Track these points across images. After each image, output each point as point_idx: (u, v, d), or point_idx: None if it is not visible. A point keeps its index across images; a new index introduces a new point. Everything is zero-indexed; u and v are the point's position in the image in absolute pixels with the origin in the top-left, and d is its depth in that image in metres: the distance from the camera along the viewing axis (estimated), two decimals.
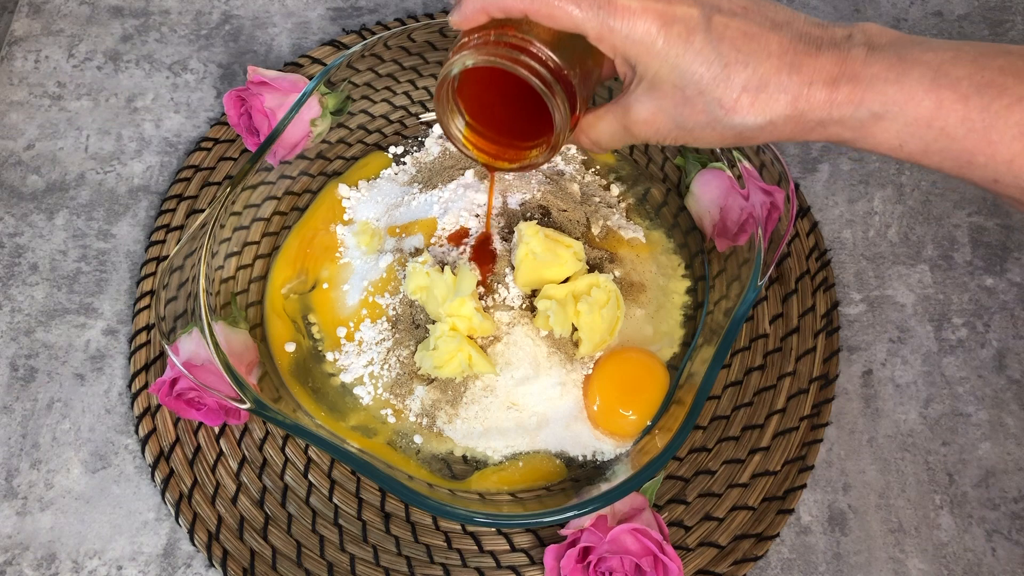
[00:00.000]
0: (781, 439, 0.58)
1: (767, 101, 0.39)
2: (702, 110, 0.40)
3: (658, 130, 0.43)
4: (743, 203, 0.56)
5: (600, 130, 0.45)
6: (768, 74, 0.39)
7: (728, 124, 0.40)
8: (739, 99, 0.39)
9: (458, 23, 0.43)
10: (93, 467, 0.59)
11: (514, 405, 0.56)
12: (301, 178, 0.64)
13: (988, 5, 0.76)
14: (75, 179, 0.69)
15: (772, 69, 0.39)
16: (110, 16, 0.76)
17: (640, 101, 0.42)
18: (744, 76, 0.39)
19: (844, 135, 0.40)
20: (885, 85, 0.38)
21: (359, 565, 0.55)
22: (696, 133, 0.42)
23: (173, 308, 0.53)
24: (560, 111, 0.44)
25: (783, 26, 0.40)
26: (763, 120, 0.40)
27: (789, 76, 0.39)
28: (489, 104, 0.50)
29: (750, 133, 0.41)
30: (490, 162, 0.51)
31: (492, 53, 0.43)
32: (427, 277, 0.56)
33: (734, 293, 0.56)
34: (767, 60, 0.39)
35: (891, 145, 0.40)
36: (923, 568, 0.56)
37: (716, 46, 0.39)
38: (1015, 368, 0.61)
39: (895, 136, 0.39)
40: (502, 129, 0.50)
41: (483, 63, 0.43)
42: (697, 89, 0.40)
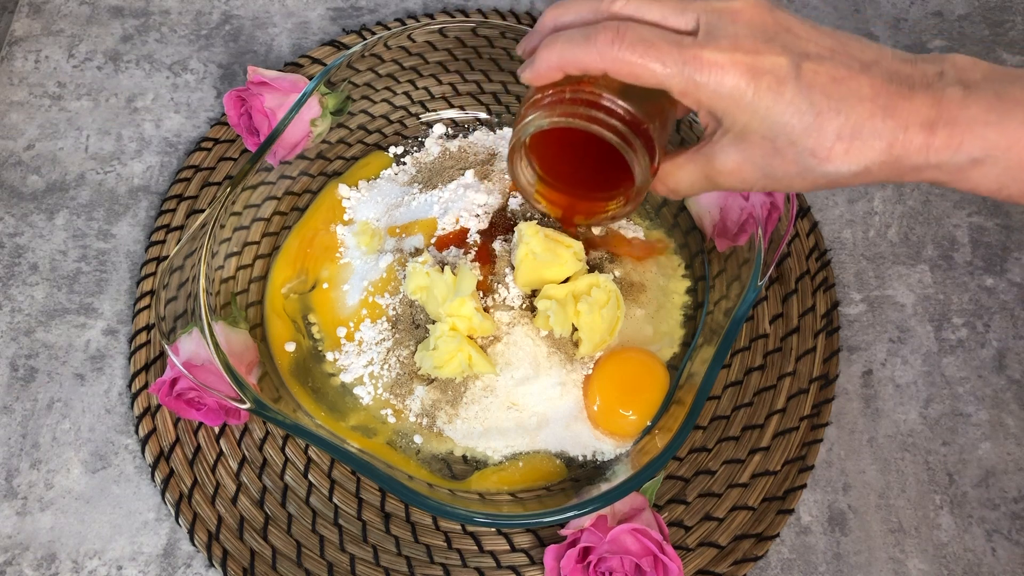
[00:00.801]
0: (781, 439, 0.58)
1: (862, 148, 0.38)
2: (793, 160, 0.39)
3: (744, 180, 0.41)
4: (743, 203, 0.56)
5: (679, 179, 0.44)
6: (861, 120, 0.38)
7: (821, 172, 0.39)
8: (833, 148, 0.38)
9: (531, 80, 0.42)
10: (93, 467, 0.59)
11: (514, 405, 0.56)
12: (301, 178, 0.64)
13: (988, 5, 0.76)
14: (75, 179, 0.69)
15: (866, 114, 0.38)
16: (110, 16, 0.76)
17: (725, 152, 0.41)
18: (837, 124, 0.38)
19: (940, 179, 0.39)
20: (985, 129, 0.37)
21: (359, 565, 0.55)
22: (785, 182, 0.40)
23: (173, 308, 0.53)
24: (640, 166, 0.42)
25: (872, 66, 0.38)
26: (858, 167, 0.38)
27: (884, 121, 0.38)
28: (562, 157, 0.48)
29: (843, 180, 0.39)
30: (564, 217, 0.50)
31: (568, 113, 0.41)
32: (427, 277, 0.56)
33: (734, 293, 0.56)
34: (859, 105, 0.38)
35: (990, 188, 0.38)
36: (923, 568, 0.56)
37: (808, 95, 0.38)
38: (1015, 368, 0.61)
39: (995, 180, 0.38)
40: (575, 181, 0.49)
41: (563, 124, 0.42)
42: (789, 140, 0.38)
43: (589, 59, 0.39)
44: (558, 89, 0.42)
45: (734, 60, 0.38)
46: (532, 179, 0.49)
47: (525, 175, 0.48)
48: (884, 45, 0.40)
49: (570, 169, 0.49)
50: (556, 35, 0.41)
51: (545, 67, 0.41)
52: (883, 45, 0.40)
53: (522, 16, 0.75)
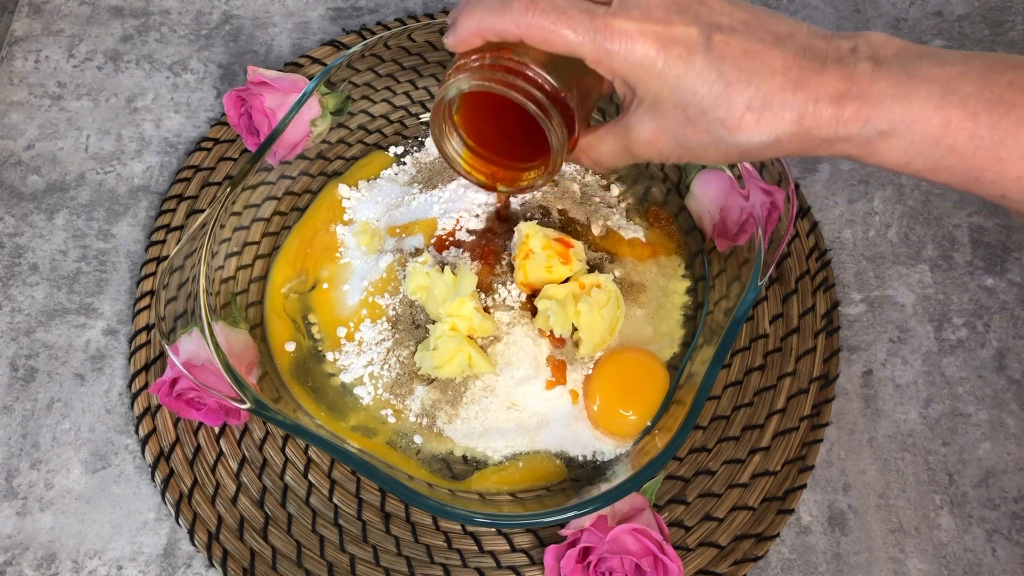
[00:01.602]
0: (781, 439, 0.58)
1: (771, 119, 0.39)
2: (705, 130, 0.40)
3: (660, 150, 0.42)
4: (743, 203, 0.56)
5: (601, 151, 0.45)
6: (772, 92, 0.38)
7: (732, 143, 0.40)
8: (743, 118, 0.39)
9: (453, 45, 0.43)
10: (93, 467, 0.59)
11: (514, 405, 0.56)
12: (301, 178, 0.64)
13: (988, 5, 0.76)
14: (75, 179, 0.69)
15: (776, 87, 0.38)
16: (110, 16, 0.76)
17: (641, 122, 0.42)
18: (747, 95, 0.38)
19: (850, 152, 0.40)
20: (893, 103, 0.38)
21: (359, 565, 0.55)
22: (699, 152, 0.41)
23: (173, 308, 0.53)
24: (556, 135, 0.43)
25: (785, 40, 0.39)
26: (768, 138, 0.39)
27: (794, 94, 0.38)
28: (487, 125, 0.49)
29: (755, 151, 0.40)
30: (487, 184, 0.50)
31: (487, 78, 0.42)
32: (427, 277, 0.56)
33: (734, 293, 0.56)
34: (771, 78, 0.38)
35: (898, 162, 0.39)
36: (923, 568, 0.56)
37: (717, 66, 0.38)
38: (1015, 368, 0.61)
39: (902, 154, 0.39)
40: (500, 150, 0.50)
41: (477, 88, 0.43)
42: (699, 109, 0.39)
43: (504, 25, 0.40)
44: (480, 54, 0.43)
45: (643, 30, 0.38)
46: (458, 146, 0.50)
47: (451, 142, 0.49)
48: (801, 21, 0.41)
49: (494, 137, 0.50)
50: (477, 2, 0.42)
51: (465, 33, 0.42)
52: (800, 21, 0.41)
53: None
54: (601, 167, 0.46)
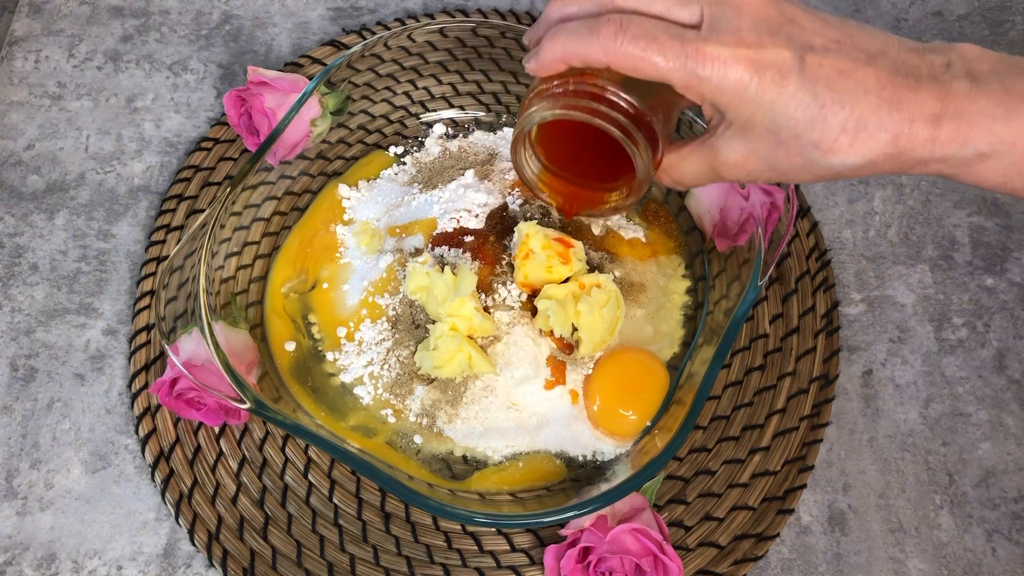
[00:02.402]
0: (781, 439, 0.58)
1: (866, 141, 0.38)
2: (798, 153, 0.39)
3: (749, 172, 0.41)
4: (743, 203, 0.56)
5: (684, 171, 0.44)
6: (867, 113, 0.37)
7: (826, 165, 0.39)
8: (838, 140, 0.38)
9: (535, 70, 0.42)
10: (93, 467, 0.59)
11: (514, 405, 0.56)
12: (301, 178, 0.64)
13: (988, 5, 0.76)
14: (75, 179, 0.69)
15: (871, 107, 0.37)
16: (110, 16, 0.76)
17: (730, 144, 0.41)
18: (842, 117, 0.37)
19: (945, 172, 0.39)
20: (992, 123, 0.37)
21: (359, 565, 0.55)
22: (791, 175, 0.40)
23: (173, 308, 0.53)
24: (642, 159, 0.42)
25: (878, 57, 0.38)
26: (862, 160, 0.38)
27: (889, 114, 0.37)
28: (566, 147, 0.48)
29: (848, 172, 0.39)
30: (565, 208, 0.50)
31: (571, 105, 0.41)
32: (427, 277, 0.56)
33: (734, 293, 0.56)
34: (864, 98, 0.37)
35: (996, 182, 0.38)
36: (923, 568, 0.56)
37: (811, 88, 0.37)
38: (1015, 368, 0.61)
39: (1000, 174, 0.38)
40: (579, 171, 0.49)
41: (562, 116, 0.42)
42: (793, 133, 0.38)
43: (592, 52, 0.39)
44: (562, 80, 0.42)
45: (736, 54, 0.38)
46: (536, 168, 0.49)
47: (529, 164, 0.48)
48: (891, 34, 0.39)
49: (574, 159, 0.49)
50: (561, 26, 0.41)
51: (549, 58, 0.41)
52: (890, 34, 0.39)
53: (522, 16, 0.75)
54: (683, 186, 0.45)
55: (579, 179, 0.49)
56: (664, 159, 0.44)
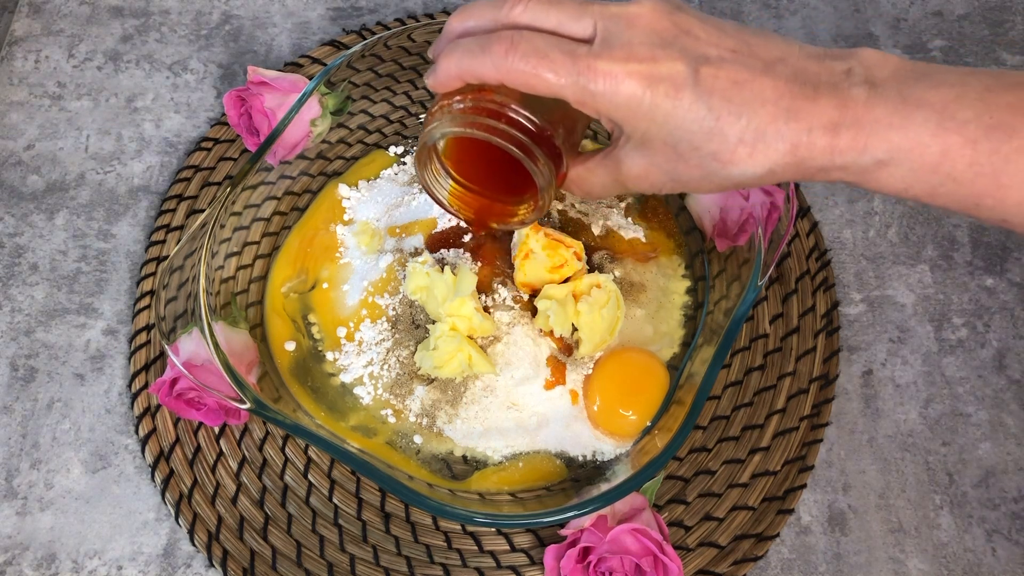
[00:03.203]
0: (781, 439, 0.58)
1: (765, 151, 0.38)
2: (697, 165, 0.39)
3: (652, 183, 0.42)
4: (743, 203, 0.56)
5: (592, 183, 0.44)
6: (764, 123, 0.37)
7: (725, 176, 0.39)
8: (736, 151, 0.38)
9: (433, 86, 0.42)
10: (93, 467, 0.59)
11: (514, 405, 0.56)
12: (301, 178, 0.64)
13: (988, 5, 0.76)
14: (75, 179, 0.69)
15: (768, 118, 0.37)
16: (110, 16, 0.76)
17: (630, 157, 0.41)
18: (739, 128, 0.37)
19: (847, 179, 0.39)
20: (889, 131, 0.37)
21: (359, 565, 0.55)
22: (692, 185, 0.41)
23: (173, 308, 0.53)
24: (542, 175, 0.43)
25: (776, 65, 0.38)
26: (762, 170, 0.38)
27: (787, 123, 0.37)
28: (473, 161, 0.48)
29: (749, 182, 0.39)
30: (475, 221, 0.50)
31: (468, 123, 0.41)
32: (427, 277, 0.56)
33: (734, 293, 0.56)
34: (761, 108, 0.37)
35: (896, 189, 0.38)
36: (923, 568, 0.56)
37: (707, 100, 0.37)
38: (1015, 368, 0.61)
39: (900, 181, 0.38)
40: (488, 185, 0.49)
41: (459, 133, 0.42)
42: (691, 145, 0.38)
43: (484, 70, 0.39)
44: (462, 96, 0.42)
45: (628, 69, 0.37)
46: (445, 183, 0.49)
47: (437, 180, 0.49)
48: (792, 40, 0.39)
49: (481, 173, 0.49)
50: (456, 43, 0.41)
51: (444, 76, 0.41)
52: (792, 41, 0.39)
53: None
54: (592, 197, 0.46)
55: (487, 192, 0.49)
56: (571, 172, 0.44)
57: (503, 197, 0.49)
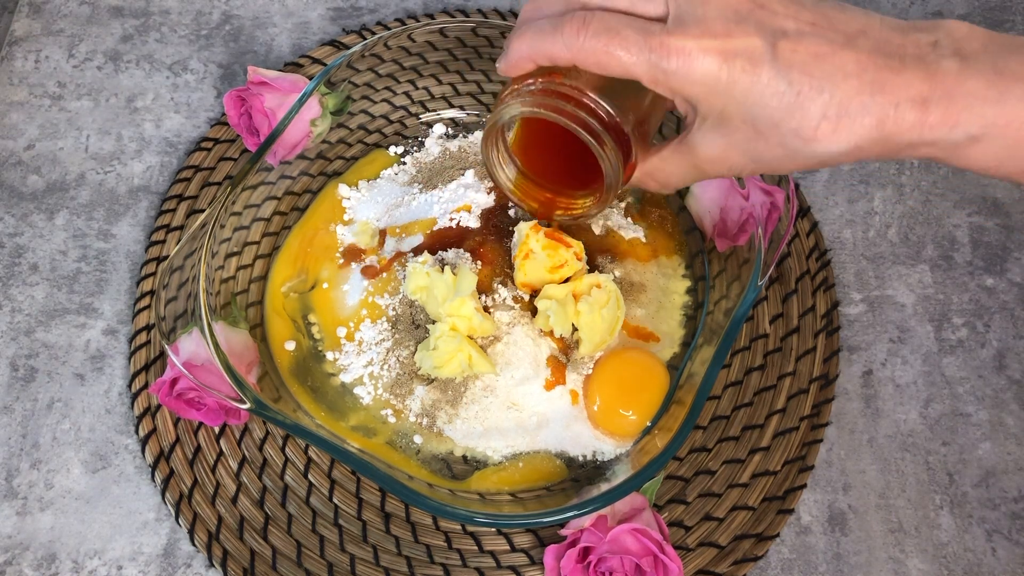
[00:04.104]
0: (781, 439, 0.58)
1: (850, 126, 0.36)
2: (778, 143, 0.37)
3: (731, 166, 0.40)
4: (743, 203, 0.56)
5: (668, 173, 0.43)
6: (848, 97, 0.36)
7: (809, 154, 0.37)
8: (819, 127, 0.36)
9: (504, 70, 0.41)
10: (93, 467, 0.59)
11: (514, 405, 0.56)
12: (301, 178, 0.64)
13: (988, 5, 0.76)
14: (75, 179, 0.69)
15: (851, 91, 0.36)
16: (110, 16, 0.76)
17: (707, 140, 0.39)
18: (821, 103, 0.36)
19: (936, 155, 0.37)
20: (983, 106, 0.35)
21: (359, 565, 0.55)
22: (774, 165, 0.39)
23: (173, 308, 0.53)
24: (610, 163, 0.42)
25: (857, 37, 0.36)
26: (848, 146, 0.36)
27: (872, 97, 0.35)
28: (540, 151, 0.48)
29: (833, 160, 0.37)
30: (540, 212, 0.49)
31: (538, 103, 0.41)
32: (427, 277, 0.56)
33: (734, 293, 0.56)
34: (844, 82, 0.36)
35: (988, 166, 0.36)
36: (923, 568, 0.56)
37: (786, 75, 0.36)
38: (1015, 368, 0.61)
39: (993, 158, 0.36)
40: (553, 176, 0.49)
41: (528, 114, 0.41)
42: (770, 123, 0.37)
43: (556, 49, 0.39)
44: (533, 80, 0.42)
45: (703, 45, 0.36)
46: (511, 172, 0.48)
47: (503, 168, 0.48)
48: (873, 12, 0.38)
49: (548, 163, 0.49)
50: (527, 25, 0.40)
51: (516, 57, 0.40)
52: (872, 13, 0.38)
53: None
54: (669, 188, 0.44)
55: (552, 185, 0.49)
56: (645, 164, 0.43)
57: (567, 190, 0.49)
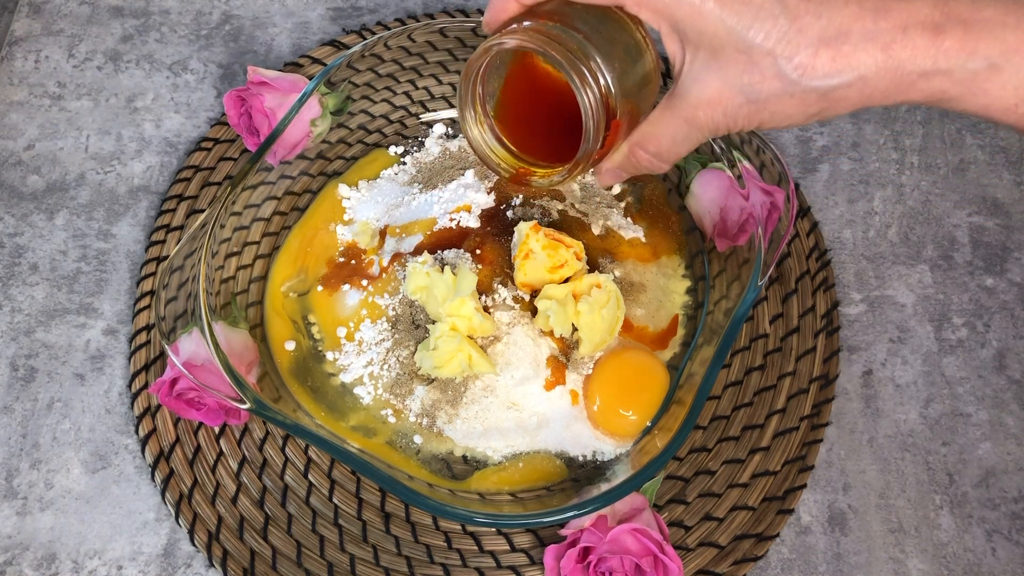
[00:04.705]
0: (781, 439, 0.58)
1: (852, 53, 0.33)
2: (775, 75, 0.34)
3: (726, 109, 0.36)
4: (743, 203, 0.56)
5: (659, 135, 0.39)
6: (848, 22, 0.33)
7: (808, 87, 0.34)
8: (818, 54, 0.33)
9: (488, 20, 0.40)
10: (93, 467, 0.59)
11: (514, 405, 0.56)
12: (301, 178, 0.64)
13: None
14: (75, 179, 0.69)
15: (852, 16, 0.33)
16: (110, 16, 0.76)
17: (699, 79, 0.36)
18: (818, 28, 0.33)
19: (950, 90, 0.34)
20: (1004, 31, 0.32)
21: (359, 565, 0.55)
22: (772, 105, 0.35)
23: (173, 308, 0.53)
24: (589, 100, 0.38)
25: None
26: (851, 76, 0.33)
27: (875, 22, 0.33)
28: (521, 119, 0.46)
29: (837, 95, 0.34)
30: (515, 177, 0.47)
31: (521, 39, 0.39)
32: (427, 277, 0.56)
33: (734, 293, 0.56)
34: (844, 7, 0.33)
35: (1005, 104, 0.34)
36: (923, 568, 0.56)
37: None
38: (1015, 368, 0.61)
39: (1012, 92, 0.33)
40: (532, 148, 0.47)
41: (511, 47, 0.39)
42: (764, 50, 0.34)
43: None
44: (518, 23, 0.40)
45: None
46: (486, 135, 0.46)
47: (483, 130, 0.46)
48: None
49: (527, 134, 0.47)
50: None
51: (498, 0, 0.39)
52: None
53: None
54: (663, 157, 0.40)
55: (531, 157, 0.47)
56: (635, 134, 0.41)
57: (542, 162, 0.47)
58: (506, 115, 0.46)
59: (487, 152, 0.47)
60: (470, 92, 0.45)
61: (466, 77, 0.43)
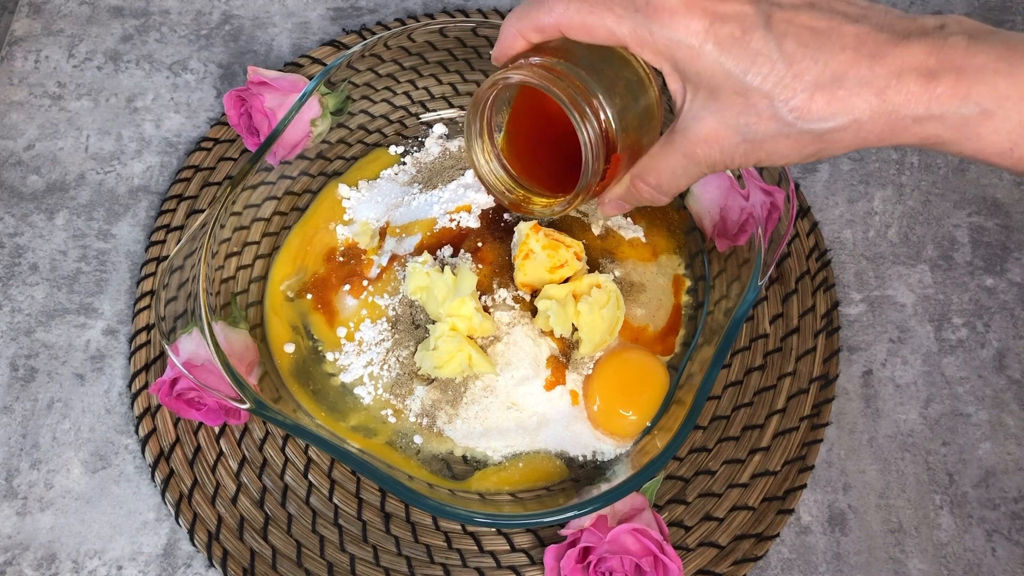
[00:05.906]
0: (781, 439, 0.58)
1: (847, 97, 0.34)
2: (770, 116, 0.35)
3: (723, 148, 0.37)
4: (743, 203, 0.56)
5: (659, 169, 0.40)
6: (843, 67, 0.34)
7: (804, 129, 0.35)
8: (813, 98, 0.34)
9: (496, 54, 0.41)
10: (93, 467, 0.59)
11: (514, 405, 0.56)
12: (301, 178, 0.64)
13: (988, 5, 0.76)
14: (75, 179, 0.69)
15: (848, 61, 0.34)
16: (110, 16, 0.76)
17: (698, 117, 0.37)
18: (815, 72, 0.34)
19: (944, 135, 0.34)
20: (996, 77, 0.33)
21: (359, 565, 0.55)
22: (768, 145, 0.36)
23: (173, 308, 0.53)
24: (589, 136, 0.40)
25: (859, 19, 0.35)
26: (846, 119, 0.34)
27: (871, 68, 0.34)
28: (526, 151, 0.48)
29: (832, 138, 0.35)
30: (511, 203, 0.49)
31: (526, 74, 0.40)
32: (427, 277, 0.56)
33: (734, 293, 0.56)
34: (841, 53, 0.34)
35: (999, 148, 0.34)
36: (923, 568, 0.56)
37: (778, 43, 0.34)
38: (1015, 368, 0.61)
39: (1006, 137, 0.34)
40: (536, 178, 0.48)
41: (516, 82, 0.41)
42: (761, 93, 0.35)
43: (541, 16, 0.38)
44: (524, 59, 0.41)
45: (690, 5, 0.35)
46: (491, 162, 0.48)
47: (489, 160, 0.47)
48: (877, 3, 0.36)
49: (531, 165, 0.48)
50: (516, 7, 0.40)
51: (505, 35, 0.40)
52: (875, 3, 0.36)
53: None
54: (664, 191, 0.41)
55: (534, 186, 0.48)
56: (636, 167, 0.42)
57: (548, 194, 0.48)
58: (512, 145, 0.47)
59: (494, 181, 0.48)
60: (478, 123, 0.46)
61: (473, 108, 0.45)
